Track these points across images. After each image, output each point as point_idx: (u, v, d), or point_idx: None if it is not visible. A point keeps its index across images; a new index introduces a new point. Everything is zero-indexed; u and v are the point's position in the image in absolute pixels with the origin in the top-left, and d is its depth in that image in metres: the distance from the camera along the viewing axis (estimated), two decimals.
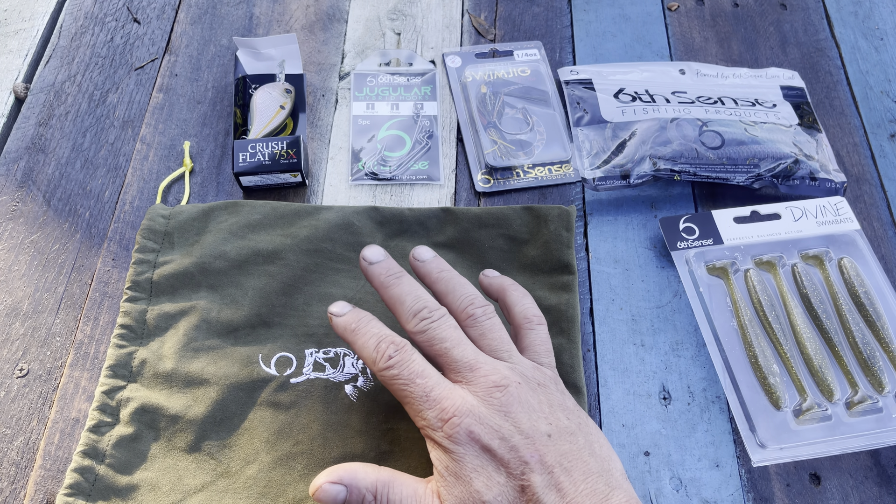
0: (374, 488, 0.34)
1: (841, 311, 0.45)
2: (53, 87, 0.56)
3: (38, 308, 0.46)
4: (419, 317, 0.36)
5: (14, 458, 0.41)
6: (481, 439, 0.33)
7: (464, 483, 0.32)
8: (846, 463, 0.42)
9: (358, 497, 0.33)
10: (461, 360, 0.35)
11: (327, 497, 0.33)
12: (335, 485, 0.33)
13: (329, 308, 0.38)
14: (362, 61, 0.58)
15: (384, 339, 0.36)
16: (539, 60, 0.58)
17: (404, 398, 0.35)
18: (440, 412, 0.33)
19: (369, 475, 0.34)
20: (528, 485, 0.32)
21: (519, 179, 0.52)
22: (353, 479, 0.34)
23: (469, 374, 0.35)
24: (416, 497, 0.33)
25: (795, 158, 0.50)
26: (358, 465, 0.34)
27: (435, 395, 0.34)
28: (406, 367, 0.35)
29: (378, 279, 0.38)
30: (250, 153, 0.49)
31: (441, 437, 0.33)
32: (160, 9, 0.61)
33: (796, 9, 0.63)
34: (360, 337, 0.36)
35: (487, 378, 0.34)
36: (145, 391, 0.41)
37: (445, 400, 0.34)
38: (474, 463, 0.32)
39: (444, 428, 0.33)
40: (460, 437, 0.33)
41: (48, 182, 0.51)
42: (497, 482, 0.32)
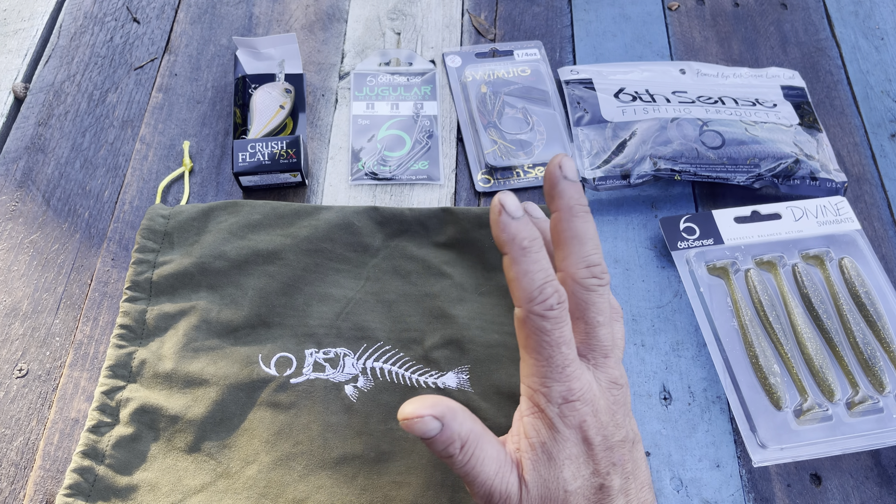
0: (466, 439, 0.31)
1: (842, 311, 0.45)
2: (53, 87, 0.56)
3: (37, 308, 0.46)
4: (592, 271, 0.32)
5: (13, 459, 0.41)
6: (588, 432, 0.31)
7: (555, 466, 0.31)
8: (847, 463, 0.41)
9: (447, 439, 0.31)
10: (603, 342, 0.33)
11: (422, 428, 0.30)
12: (435, 420, 0.31)
13: (501, 196, 0.31)
14: (362, 61, 0.58)
15: (551, 283, 0.31)
16: (539, 60, 0.58)
17: (536, 356, 0.31)
18: (567, 391, 0.31)
19: (465, 424, 0.31)
20: (607, 486, 0.32)
21: (519, 179, 0.52)
22: (452, 421, 0.31)
23: (601, 360, 0.33)
24: (498, 463, 0.32)
25: (796, 158, 0.50)
26: (458, 407, 0.32)
27: (569, 372, 0.31)
28: (559, 328, 0.31)
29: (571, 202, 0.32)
30: (250, 153, 0.49)
31: (554, 413, 0.31)
32: (160, 8, 0.61)
33: (797, 8, 0.63)
34: (529, 260, 0.31)
35: (611, 372, 0.33)
36: (145, 391, 0.41)
37: (576, 381, 0.31)
38: (572, 451, 0.31)
39: (563, 408, 0.31)
40: (574, 422, 0.31)
41: (47, 182, 0.51)
42: (582, 475, 0.31)
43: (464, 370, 0.43)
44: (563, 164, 0.32)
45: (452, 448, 0.31)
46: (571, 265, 0.32)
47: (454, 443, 0.31)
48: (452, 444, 0.31)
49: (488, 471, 0.31)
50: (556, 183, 0.33)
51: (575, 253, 0.32)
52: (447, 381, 0.42)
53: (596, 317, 0.32)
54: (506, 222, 0.31)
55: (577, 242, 0.32)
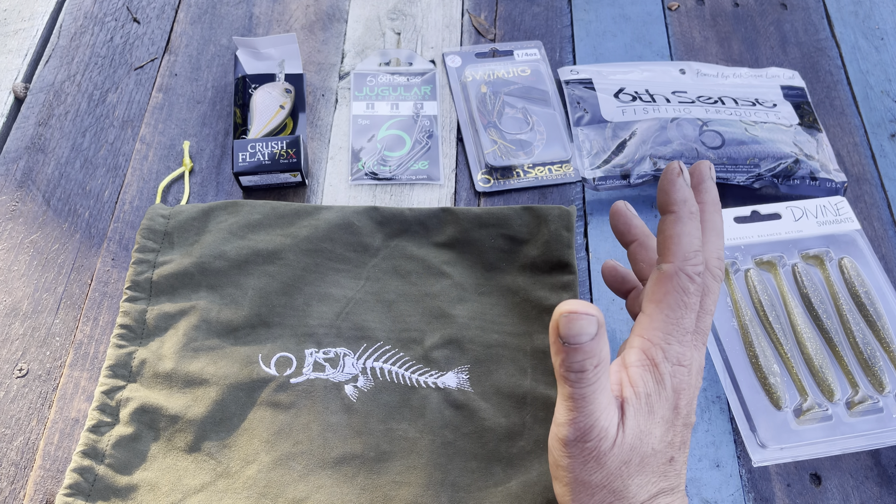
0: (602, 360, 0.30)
1: (841, 311, 0.45)
2: (53, 87, 0.56)
3: (37, 308, 0.46)
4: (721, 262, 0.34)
5: (14, 459, 0.41)
6: (681, 401, 0.33)
7: (652, 422, 0.32)
8: (847, 463, 0.41)
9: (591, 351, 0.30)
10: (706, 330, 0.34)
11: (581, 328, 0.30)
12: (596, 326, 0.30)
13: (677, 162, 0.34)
14: (362, 61, 0.58)
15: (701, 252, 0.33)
16: (539, 60, 0.58)
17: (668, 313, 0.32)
18: (682, 356, 0.32)
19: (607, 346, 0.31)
20: (675, 458, 0.33)
21: (519, 179, 0.52)
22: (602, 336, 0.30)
23: (701, 346, 0.34)
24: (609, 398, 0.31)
25: (796, 158, 0.50)
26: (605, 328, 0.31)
27: (689, 339, 0.32)
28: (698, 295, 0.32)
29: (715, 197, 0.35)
30: (250, 153, 0.49)
31: (666, 370, 0.32)
32: (160, 8, 0.61)
33: (796, 8, 0.63)
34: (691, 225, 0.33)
35: (702, 360, 0.34)
36: (145, 391, 0.41)
37: (691, 349, 0.33)
38: (665, 413, 0.32)
39: (676, 368, 0.32)
40: (678, 385, 0.32)
41: (48, 182, 0.51)
42: (663, 441, 0.32)
43: (463, 370, 0.43)
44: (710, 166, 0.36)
45: (590, 363, 0.30)
46: (707, 252, 0.34)
47: (593, 358, 0.30)
48: (592, 359, 0.30)
49: (602, 401, 0.31)
50: (704, 180, 0.35)
51: (712, 242, 0.34)
52: (447, 380, 0.42)
53: (710, 305, 0.33)
54: (682, 185, 0.33)
55: (716, 235, 0.34)
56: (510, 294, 0.45)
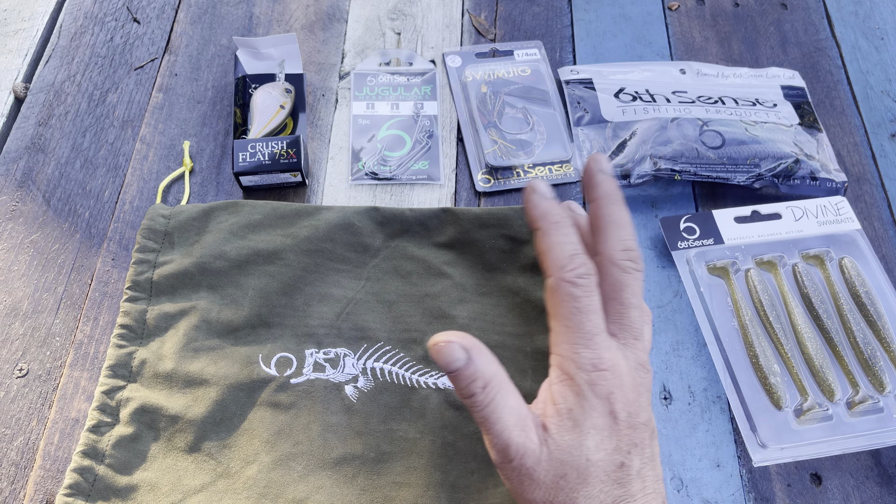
0: (490, 379, 0.31)
1: (842, 311, 0.45)
2: (53, 87, 0.56)
3: (37, 308, 0.46)
4: (629, 255, 0.34)
5: (14, 459, 0.41)
6: (615, 405, 0.32)
7: (579, 433, 0.31)
8: (847, 463, 0.41)
9: (472, 374, 0.31)
10: (635, 324, 0.33)
11: (448, 356, 0.31)
12: (462, 351, 0.31)
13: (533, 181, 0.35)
14: (362, 61, 0.58)
15: (580, 254, 0.33)
16: (539, 60, 0.58)
17: (566, 322, 0.32)
18: (597, 359, 0.32)
19: (491, 365, 0.32)
20: (628, 465, 0.32)
21: (519, 179, 0.52)
22: (478, 357, 0.31)
23: (632, 341, 0.33)
24: (520, 416, 0.32)
25: (796, 158, 0.50)
26: (486, 350, 0.32)
27: (598, 341, 0.32)
28: (589, 295, 0.32)
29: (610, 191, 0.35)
30: (250, 153, 0.49)
31: (584, 380, 0.32)
32: (160, 8, 0.61)
33: (797, 8, 0.63)
34: (559, 233, 0.33)
35: (640, 354, 0.33)
36: (145, 391, 0.41)
37: (606, 351, 0.32)
38: (597, 422, 0.32)
39: (593, 375, 0.32)
40: (602, 392, 0.32)
41: (48, 182, 0.51)
42: (605, 449, 0.32)
43: None
44: (598, 159, 0.35)
45: (475, 386, 0.31)
46: (609, 247, 0.34)
47: (478, 380, 0.31)
48: (475, 382, 0.31)
49: (508, 419, 0.31)
50: (592, 175, 0.35)
51: (613, 236, 0.34)
52: (447, 381, 0.42)
53: (630, 298, 0.33)
54: (537, 201, 0.34)
55: (616, 226, 0.34)
56: (510, 295, 0.45)
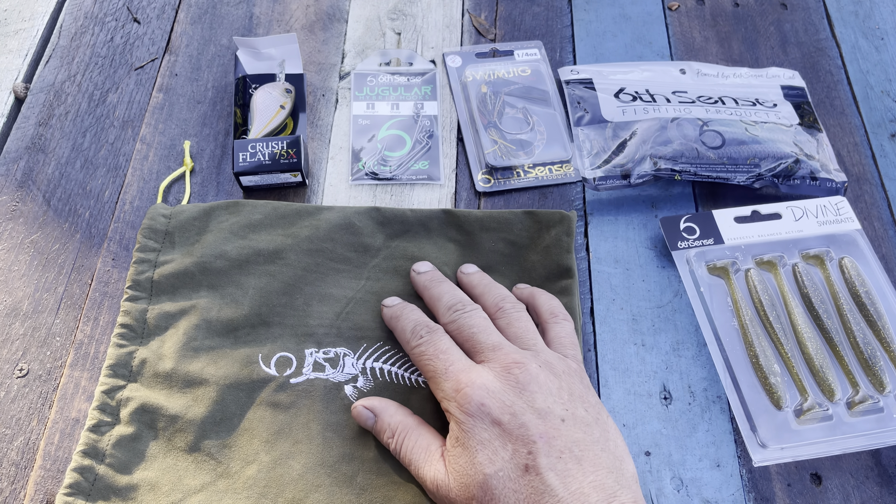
0: (396, 428, 0.37)
1: (842, 311, 0.45)
2: (53, 87, 0.56)
3: (37, 308, 0.46)
4: (453, 309, 0.40)
5: (14, 459, 0.41)
6: (492, 412, 0.33)
7: (468, 454, 0.33)
8: (847, 463, 0.41)
9: (381, 429, 0.38)
10: (486, 342, 0.38)
11: (360, 418, 0.39)
12: (367, 410, 0.38)
13: (383, 301, 0.43)
14: (362, 61, 0.58)
15: (421, 323, 0.40)
16: (539, 60, 0.58)
17: (428, 373, 0.38)
18: (455, 384, 0.35)
19: (396, 416, 0.38)
20: (532, 465, 0.32)
21: (519, 179, 0.52)
22: (383, 413, 0.38)
23: (491, 354, 0.37)
24: (428, 452, 0.36)
25: (796, 158, 0.50)
26: (394, 405, 0.39)
27: (454, 370, 0.36)
28: (433, 344, 0.38)
29: (423, 283, 0.43)
30: (250, 153, 0.49)
31: (454, 406, 0.35)
32: (160, 8, 0.61)
33: (797, 8, 0.63)
34: (401, 322, 0.41)
35: (508, 356, 0.36)
36: (145, 391, 0.41)
37: (462, 374, 0.36)
38: (482, 436, 0.33)
39: (457, 398, 0.35)
40: (471, 408, 0.34)
41: (48, 182, 0.51)
42: (501, 457, 0.32)
43: None
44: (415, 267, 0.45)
45: (385, 436, 0.38)
46: (441, 318, 0.41)
47: (385, 431, 0.38)
48: (385, 433, 0.38)
49: (418, 458, 0.36)
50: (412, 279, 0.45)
51: (439, 309, 0.41)
52: None
53: (469, 331, 0.39)
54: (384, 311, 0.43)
55: (437, 301, 0.42)
56: None
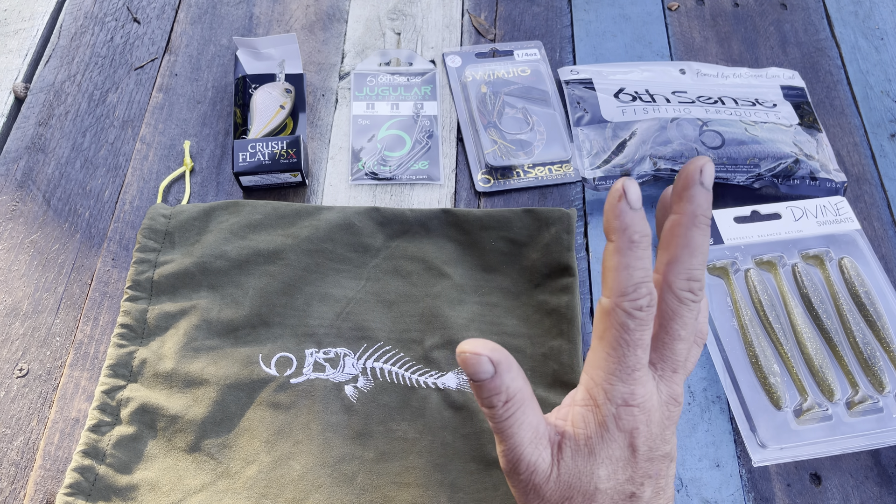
0: (513, 395, 0.31)
1: (841, 311, 0.45)
2: (53, 87, 0.56)
3: (37, 308, 0.46)
4: (691, 284, 0.31)
5: (14, 458, 0.41)
6: (636, 440, 0.31)
7: (593, 461, 0.31)
8: (847, 463, 0.41)
9: (495, 388, 0.30)
10: (678, 357, 0.32)
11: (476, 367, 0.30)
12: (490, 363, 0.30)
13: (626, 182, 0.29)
14: (362, 61, 0.58)
15: (648, 283, 0.30)
16: (539, 60, 0.58)
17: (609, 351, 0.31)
18: (629, 395, 0.30)
19: (517, 380, 0.31)
20: (638, 495, 0.31)
21: (519, 179, 0.52)
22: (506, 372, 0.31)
23: (669, 374, 0.32)
24: (536, 433, 0.31)
25: (796, 158, 0.50)
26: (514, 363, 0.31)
27: (637, 376, 0.31)
28: (642, 329, 0.30)
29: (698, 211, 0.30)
30: (250, 153, 0.49)
31: (610, 412, 0.31)
32: (160, 8, 0.61)
33: (796, 8, 0.63)
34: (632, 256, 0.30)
35: (675, 388, 0.32)
36: (145, 391, 0.41)
37: (641, 387, 0.31)
38: (615, 453, 0.31)
39: (621, 409, 0.31)
40: (625, 426, 0.31)
41: (48, 182, 0.51)
42: (617, 479, 0.31)
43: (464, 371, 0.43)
44: (704, 170, 0.30)
45: (497, 399, 0.31)
46: (673, 273, 0.31)
47: (500, 394, 0.31)
48: (498, 396, 0.31)
49: (523, 436, 0.31)
50: (690, 185, 0.30)
51: (682, 262, 0.31)
52: (447, 381, 0.42)
53: (679, 330, 0.31)
54: (623, 210, 0.29)
55: (688, 253, 0.31)
56: (510, 296, 0.46)
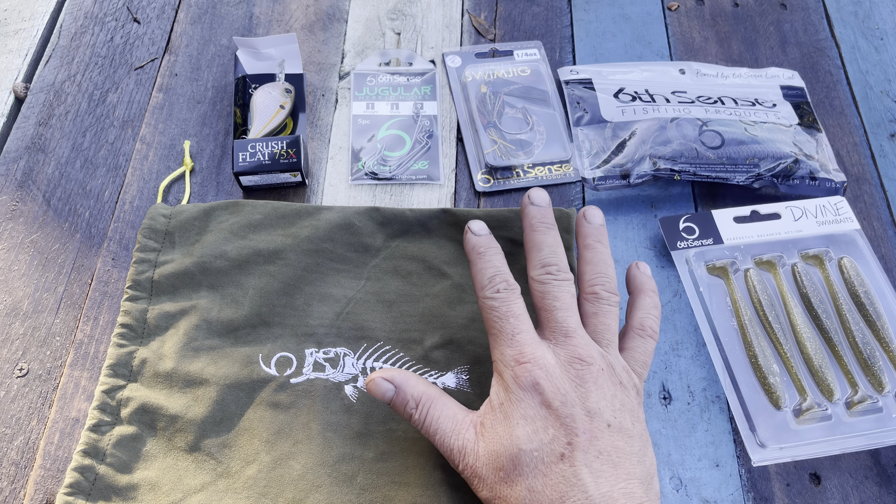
0: (420, 398, 0.36)
1: (841, 311, 0.45)
2: (53, 87, 0.56)
3: (37, 308, 0.46)
4: (546, 269, 0.38)
5: (14, 458, 0.41)
6: (545, 394, 0.33)
7: (509, 424, 0.34)
8: (846, 463, 0.42)
9: (403, 400, 0.36)
10: (561, 323, 0.36)
11: (378, 390, 0.37)
12: (387, 382, 0.37)
13: (469, 224, 0.40)
14: (362, 61, 0.58)
15: (501, 274, 0.38)
16: (539, 60, 0.58)
17: (492, 331, 0.37)
18: (518, 354, 0.35)
19: (418, 387, 0.37)
20: (569, 455, 0.32)
21: (519, 179, 0.52)
22: (405, 384, 0.37)
23: (562, 339, 0.36)
24: (455, 421, 0.36)
25: (795, 158, 0.50)
26: (414, 376, 0.37)
27: (520, 339, 0.35)
28: (507, 304, 0.36)
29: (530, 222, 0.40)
30: (250, 153, 0.49)
31: (509, 375, 0.35)
32: (160, 8, 0.61)
33: (796, 8, 0.63)
34: (483, 261, 0.38)
35: (576, 349, 0.35)
36: (145, 391, 0.41)
37: (527, 346, 0.35)
38: (528, 412, 0.33)
39: (516, 369, 0.34)
40: (526, 382, 0.34)
41: (48, 182, 0.51)
42: (540, 438, 0.33)
43: (463, 370, 0.43)
44: (531, 194, 0.41)
45: (409, 407, 0.36)
46: (531, 268, 0.39)
47: (409, 402, 0.36)
48: (408, 404, 0.36)
49: (445, 427, 0.36)
50: (523, 208, 0.41)
51: (533, 258, 0.39)
52: (447, 381, 0.42)
53: (552, 302, 0.37)
54: (468, 238, 0.40)
55: (535, 250, 0.39)
56: None
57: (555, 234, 0.39)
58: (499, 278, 0.37)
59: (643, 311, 0.40)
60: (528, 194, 0.41)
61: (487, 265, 0.38)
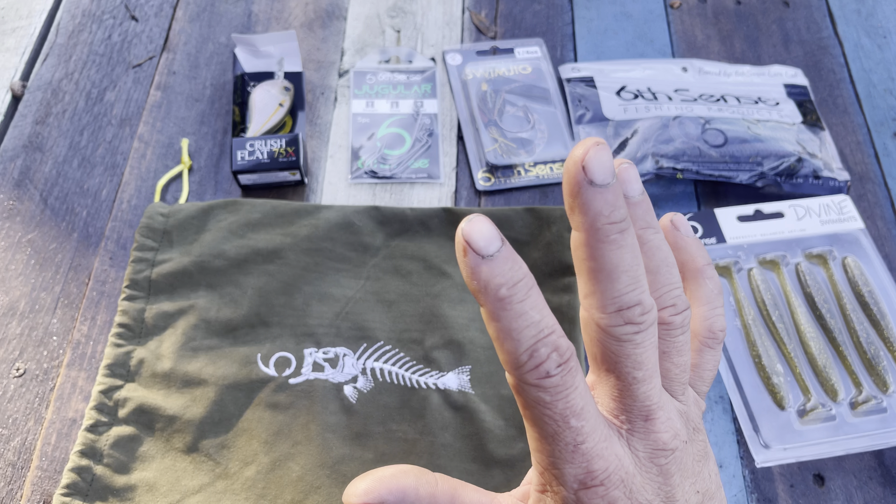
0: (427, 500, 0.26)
1: (845, 311, 0.45)
2: (51, 85, 0.56)
3: (34, 307, 0.45)
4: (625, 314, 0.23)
5: (11, 459, 0.40)
6: None
7: None
8: (850, 463, 0.41)
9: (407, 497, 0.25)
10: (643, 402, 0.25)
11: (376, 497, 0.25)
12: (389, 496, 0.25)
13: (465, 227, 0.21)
14: (362, 59, 0.58)
15: (546, 337, 0.22)
16: (540, 58, 0.58)
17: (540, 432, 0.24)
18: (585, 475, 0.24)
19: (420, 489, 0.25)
20: None
21: (520, 178, 0.52)
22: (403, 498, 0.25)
23: (640, 424, 0.25)
24: None
25: (799, 157, 0.50)
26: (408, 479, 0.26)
27: (584, 450, 0.23)
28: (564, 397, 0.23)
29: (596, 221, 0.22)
30: (248, 151, 0.49)
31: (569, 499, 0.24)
32: (158, 6, 0.60)
33: (799, 6, 0.63)
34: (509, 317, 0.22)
35: (658, 436, 0.25)
36: (143, 391, 0.41)
37: (597, 460, 0.24)
38: None
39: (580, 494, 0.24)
40: None
41: (45, 180, 0.51)
42: None
43: (465, 371, 0.42)
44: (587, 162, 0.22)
45: None
46: (595, 307, 0.24)
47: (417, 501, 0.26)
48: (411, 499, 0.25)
49: None
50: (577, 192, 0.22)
51: (600, 292, 0.23)
52: (448, 381, 0.42)
53: (632, 372, 0.24)
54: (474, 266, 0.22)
55: (605, 277, 0.23)
56: None
57: (633, 247, 0.23)
58: (544, 348, 0.22)
59: (708, 305, 0.29)
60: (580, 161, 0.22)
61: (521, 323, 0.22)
